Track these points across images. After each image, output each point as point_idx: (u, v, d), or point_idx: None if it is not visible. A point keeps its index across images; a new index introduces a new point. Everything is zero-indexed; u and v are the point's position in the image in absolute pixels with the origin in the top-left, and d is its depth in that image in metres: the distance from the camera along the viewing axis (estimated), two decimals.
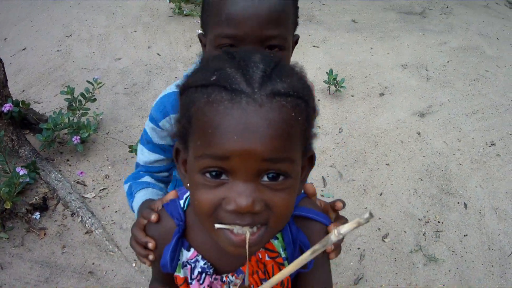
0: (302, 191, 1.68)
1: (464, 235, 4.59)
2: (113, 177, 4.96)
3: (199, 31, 2.00)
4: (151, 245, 1.59)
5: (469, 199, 4.97)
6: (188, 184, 1.41)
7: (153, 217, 1.60)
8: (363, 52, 7.53)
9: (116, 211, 4.60)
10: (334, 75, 6.21)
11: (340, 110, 6.14)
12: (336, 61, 7.01)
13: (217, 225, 1.31)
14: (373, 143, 5.62)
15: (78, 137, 4.92)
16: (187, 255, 1.59)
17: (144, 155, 2.23)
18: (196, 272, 1.59)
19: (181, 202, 1.61)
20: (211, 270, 1.58)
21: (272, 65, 1.27)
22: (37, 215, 4.46)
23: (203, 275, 1.58)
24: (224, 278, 1.58)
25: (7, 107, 4.69)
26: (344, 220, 1.70)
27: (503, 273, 4.30)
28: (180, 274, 1.62)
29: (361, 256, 4.30)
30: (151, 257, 1.62)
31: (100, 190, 4.80)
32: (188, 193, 1.59)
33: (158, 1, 8.61)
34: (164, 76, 6.63)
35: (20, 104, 4.99)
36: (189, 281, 1.62)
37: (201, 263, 1.58)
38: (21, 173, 4.16)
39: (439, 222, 4.69)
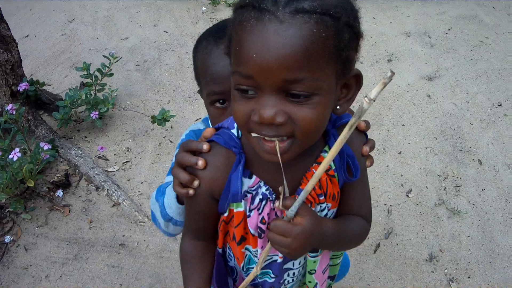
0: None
1: (482, 189, 4.69)
2: (135, 149, 4.99)
3: (203, 8, 2.08)
4: (201, 162, 1.55)
5: (482, 156, 5.08)
6: None
7: (205, 146, 1.58)
8: (366, 22, 7.47)
9: (142, 182, 4.63)
10: None
11: None
12: None
13: (253, 134, 1.38)
14: (387, 105, 5.71)
15: (97, 113, 4.92)
16: (248, 183, 1.59)
17: None
18: (256, 201, 1.59)
19: (234, 131, 1.61)
20: (274, 195, 1.59)
21: None
22: (60, 192, 4.45)
23: (263, 203, 1.59)
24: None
25: (22, 86, 4.69)
26: (371, 141, 1.76)
27: None
28: (240, 208, 1.61)
29: (388, 211, 4.39)
30: (196, 183, 1.58)
31: (123, 163, 4.82)
32: None
33: None
34: (174, 52, 6.68)
35: (35, 84, 5.00)
36: (247, 213, 1.62)
37: (263, 189, 1.58)
38: (45, 147, 4.12)
39: (457, 177, 4.79)
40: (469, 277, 3.97)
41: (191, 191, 1.60)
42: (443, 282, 3.93)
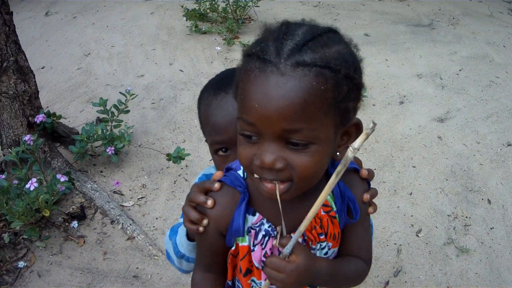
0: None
1: (491, 228, 4.75)
2: (150, 186, 5.05)
3: (218, 48, 2.14)
4: (210, 202, 1.63)
5: (492, 196, 5.13)
6: None
7: (217, 185, 1.66)
8: (379, 63, 7.67)
9: (156, 218, 4.69)
10: None
11: (364, 118, 6.05)
12: None
13: (256, 175, 1.46)
14: (399, 147, 5.78)
15: (113, 148, 4.98)
16: (252, 220, 1.66)
17: None
18: (260, 236, 1.67)
19: (240, 172, 1.69)
20: (275, 232, 1.65)
21: (309, 36, 1.34)
22: (75, 223, 4.50)
23: (266, 238, 1.67)
24: None
25: (40, 117, 4.76)
26: (373, 190, 1.82)
27: None
28: (245, 243, 1.69)
29: (398, 250, 4.43)
30: (205, 221, 1.66)
31: (138, 198, 4.88)
32: None
33: (173, 20, 8.77)
34: (190, 91, 6.73)
35: (52, 116, 5.08)
36: (252, 247, 1.69)
37: (266, 226, 1.66)
38: (62, 179, 4.19)
39: (466, 217, 4.84)
40: None
41: (201, 229, 1.68)
42: None
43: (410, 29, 9.03)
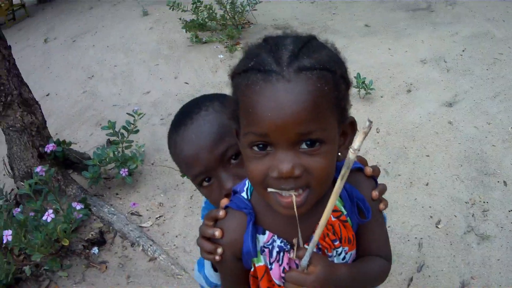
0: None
1: (509, 211, 4.69)
2: (167, 204, 5.05)
3: (221, 56, 2.14)
4: (218, 232, 1.66)
5: (507, 177, 5.07)
6: None
7: (221, 212, 1.69)
8: (382, 53, 7.67)
9: (176, 236, 4.69)
10: (362, 79, 6.35)
11: (373, 111, 6.26)
12: (359, 65, 7.10)
13: (269, 189, 1.46)
14: (411, 137, 5.74)
15: (126, 170, 4.99)
16: (263, 239, 1.67)
17: None
18: (274, 254, 1.67)
19: (243, 194, 1.71)
20: (289, 246, 1.66)
21: (300, 44, 1.40)
22: (95, 249, 4.53)
23: (281, 254, 1.67)
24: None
25: (50, 147, 4.80)
26: (381, 186, 1.81)
27: None
28: (260, 263, 1.70)
29: (419, 244, 4.41)
30: (219, 250, 1.68)
31: (157, 218, 4.89)
32: (247, 184, 1.74)
33: (173, 33, 8.78)
34: None
35: (62, 144, 5.08)
36: (269, 266, 1.69)
37: (278, 242, 1.66)
38: (78, 207, 4.22)
39: (484, 202, 4.79)
40: None
41: (217, 257, 1.70)
42: None
43: (409, 15, 9.02)
